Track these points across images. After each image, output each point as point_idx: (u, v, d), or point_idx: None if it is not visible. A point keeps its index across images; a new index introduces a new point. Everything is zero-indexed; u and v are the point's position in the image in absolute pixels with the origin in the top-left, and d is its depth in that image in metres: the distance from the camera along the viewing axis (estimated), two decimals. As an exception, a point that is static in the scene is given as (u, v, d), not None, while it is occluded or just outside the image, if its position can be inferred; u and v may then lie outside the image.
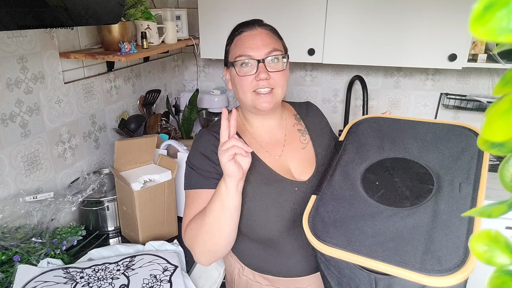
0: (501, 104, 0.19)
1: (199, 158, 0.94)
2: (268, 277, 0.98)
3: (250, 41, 0.92)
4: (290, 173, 0.96)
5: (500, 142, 0.20)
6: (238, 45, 0.93)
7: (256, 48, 0.91)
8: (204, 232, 0.86)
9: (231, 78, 0.97)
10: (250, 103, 0.94)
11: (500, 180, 0.22)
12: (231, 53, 0.95)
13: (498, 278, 0.20)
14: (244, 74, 0.91)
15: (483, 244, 0.21)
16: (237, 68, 0.92)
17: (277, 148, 0.99)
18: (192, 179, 0.95)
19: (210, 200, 0.87)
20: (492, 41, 0.17)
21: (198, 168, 0.94)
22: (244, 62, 0.91)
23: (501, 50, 0.22)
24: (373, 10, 1.64)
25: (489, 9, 0.17)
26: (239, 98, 0.97)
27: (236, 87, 0.95)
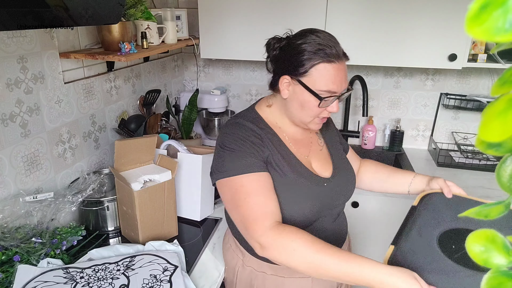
0: (498, 104, 0.19)
1: (244, 143, 0.90)
2: (273, 266, 1.00)
3: (338, 76, 0.90)
4: (313, 169, 1.01)
5: (497, 142, 0.20)
6: (325, 77, 0.89)
7: (339, 85, 0.91)
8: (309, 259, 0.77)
9: (295, 92, 0.93)
10: (304, 123, 0.97)
11: (497, 180, 0.22)
12: (313, 78, 0.89)
13: (495, 279, 0.20)
14: (322, 106, 0.92)
15: (480, 245, 0.21)
16: (319, 100, 0.90)
17: (305, 148, 1.04)
18: (240, 163, 0.88)
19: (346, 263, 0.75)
20: (488, 40, 0.17)
21: (242, 151, 0.89)
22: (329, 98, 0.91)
23: (500, 49, 0.22)
24: (373, 10, 1.64)
25: (485, 9, 0.16)
26: (295, 114, 0.96)
27: (303, 108, 0.93)
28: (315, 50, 0.89)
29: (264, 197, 0.86)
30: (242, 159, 0.89)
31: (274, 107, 1.02)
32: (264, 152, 0.93)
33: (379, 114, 2.15)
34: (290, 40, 0.94)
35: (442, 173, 1.81)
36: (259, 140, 0.93)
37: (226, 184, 0.90)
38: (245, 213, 0.85)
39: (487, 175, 1.78)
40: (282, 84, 0.94)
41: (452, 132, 2.10)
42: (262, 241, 0.81)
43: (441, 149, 1.99)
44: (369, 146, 2.11)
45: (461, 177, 1.76)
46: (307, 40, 0.90)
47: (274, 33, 1.03)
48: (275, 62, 0.98)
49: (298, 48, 0.91)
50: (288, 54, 0.93)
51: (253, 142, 0.92)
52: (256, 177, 0.88)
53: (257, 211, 0.84)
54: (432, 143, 2.06)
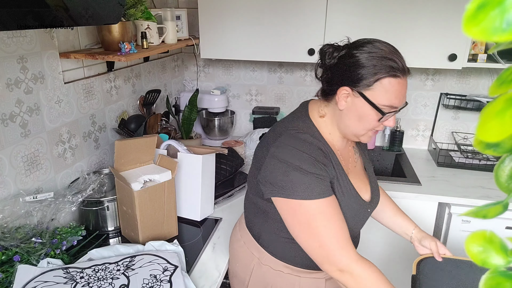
0: (495, 104, 0.19)
1: (315, 165, 0.86)
2: (290, 266, 1.01)
3: (401, 91, 0.88)
4: (357, 191, 0.99)
5: (495, 142, 0.20)
6: (390, 92, 0.86)
7: (401, 100, 0.89)
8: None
9: (352, 104, 0.90)
10: (357, 135, 0.94)
11: (495, 181, 0.22)
12: (377, 92, 0.87)
13: (493, 279, 0.20)
14: (382, 121, 0.90)
15: (478, 245, 0.21)
16: (377, 112, 0.88)
17: (346, 162, 1.01)
18: (317, 186, 0.85)
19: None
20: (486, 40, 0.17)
21: (318, 174, 0.86)
22: (390, 112, 0.89)
23: (498, 49, 0.22)
24: (373, 10, 1.64)
25: (482, 9, 0.16)
26: (346, 124, 0.93)
27: (360, 120, 0.90)
28: (381, 64, 0.86)
29: (342, 222, 0.87)
30: (317, 183, 0.85)
31: (327, 118, 0.97)
32: (331, 173, 0.90)
33: (379, 114, 2.15)
34: (350, 49, 0.90)
35: (442, 173, 1.81)
36: (326, 160, 0.89)
37: (298, 206, 0.87)
38: (328, 240, 0.85)
39: (487, 175, 1.78)
40: (340, 95, 0.90)
41: (452, 132, 2.10)
42: (349, 269, 0.85)
43: (441, 149, 1.99)
44: (369, 146, 2.11)
45: (461, 177, 1.76)
46: (371, 51, 0.87)
47: (274, 33, 1.02)
48: (331, 71, 0.93)
49: (362, 59, 0.87)
50: (349, 65, 0.89)
51: (323, 163, 0.87)
52: (331, 202, 0.87)
53: (339, 238, 0.85)
54: (432, 143, 2.06)
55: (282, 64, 2.15)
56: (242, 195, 1.58)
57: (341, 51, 0.92)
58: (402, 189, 1.65)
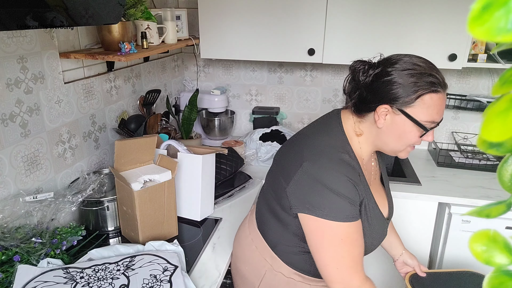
0: (499, 104, 0.19)
1: (348, 185, 0.86)
2: (303, 275, 1.02)
3: (442, 106, 0.88)
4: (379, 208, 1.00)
5: (498, 142, 0.20)
6: (431, 107, 0.86)
7: (442, 115, 0.89)
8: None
9: (394, 122, 0.88)
10: (394, 151, 0.94)
11: (498, 180, 0.22)
12: (419, 108, 0.85)
13: (497, 278, 0.20)
14: (423, 137, 0.89)
15: (482, 244, 0.21)
16: (419, 129, 0.87)
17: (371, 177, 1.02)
18: (348, 210, 0.86)
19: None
20: (490, 41, 0.17)
21: (350, 198, 0.86)
22: (430, 128, 0.88)
23: (500, 49, 0.22)
24: (373, 10, 1.64)
25: (487, 9, 0.17)
26: (385, 141, 0.92)
27: (400, 138, 0.90)
28: (421, 80, 0.85)
29: (362, 247, 0.90)
30: (349, 207, 0.86)
31: (365, 137, 0.95)
32: (361, 195, 0.90)
33: (379, 114, 2.15)
34: (386, 66, 0.88)
35: (442, 173, 1.81)
36: (359, 181, 0.89)
37: (326, 226, 0.87)
38: (346, 262, 0.88)
39: (487, 175, 1.78)
40: (379, 113, 0.88)
41: (452, 132, 2.10)
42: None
43: (441, 149, 1.99)
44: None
45: (461, 177, 1.76)
46: (410, 67, 0.86)
47: (274, 33, 1.02)
48: (367, 89, 0.90)
49: (401, 76, 0.85)
50: (387, 83, 0.87)
51: (356, 185, 0.87)
52: (358, 226, 0.89)
53: (357, 262, 0.89)
54: (432, 143, 2.07)
55: (282, 64, 2.15)
56: (242, 195, 1.58)
57: (376, 69, 0.89)
58: (402, 189, 1.65)
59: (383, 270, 1.79)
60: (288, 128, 2.19)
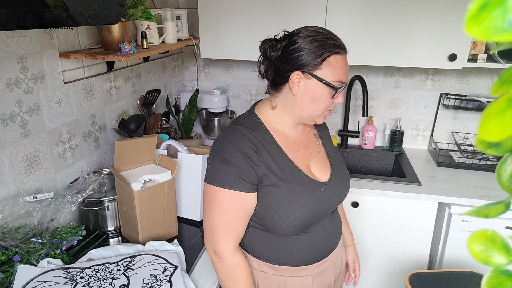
0: (497, 104, 0.19)
1: (238, 157, 0.91)
2: (274, 266, 1.01)
3: (345, 67, 0.94)
4: (312, 173, 1.02)
5: (496, 142, 0.20)
6: (336, 67, 0.92)
7: (347, 76, 0.96)
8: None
9: (306, 87, 0.94)
10: (312, 117, 0.98)
11: (497, 180, 0.22)
12: (326, 70, 0.92)
13: (495, 278, 0.20)
14: (335, 97, 0.95)
15: (480, 244, 0.21)
16: (330, 90, 0.93)
17: (306, 150, 1.05)
18: (227, 178, 0.91)
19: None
20: (487, 40, 0.17)
21: (236, 167, 0.91)
22: (340, 88, 0.94)
23: (499, 49, 0.22)
24: (373, 11, 1.64)
25: (484, 9, 0.17)
26: (303, 108, 0.97)
27: (314, 101, 0.95)
28: (325, 44, 0.92)
29: (237, 220, 0.93)
30: (230, 174, 0.91)
31: (279, 107, 1.01)
32: (258, 167, 0.93)
33: (379, 114, 2.15)
34: (291, 37, 0.94)
35: (442, 173, 1.81)
36: (255, 153, 0.93)
37: (209, 189, 0.95)
38: (215, 225, 0.93)
39: (487, 175, 1.78)
40: (293, 80, 0.94)
41: (452, 132, 2.10)
42: (221, 256, 0.94)
43: (441, 149, 1.99)
44: (369, 146, 2.11)
45: (461, 177, 1.76)
46: (312, 34, 0.92)
47: (274, 34, 1.03)
48: (279, 62, 0.96)
49: (306, 43, 0.92)
50: (295, 51, 0.93)
51: (248, 156, 0.92)
52: (237, 197, 0.92)
53: (226, 229, 0.93)
54: (432, 143, 2.06)
55: (282, 64, 2.15)
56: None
57: (283, 41, 0.96)
58: (402, 189, 1.65)
59: (383, 270, 1.79)
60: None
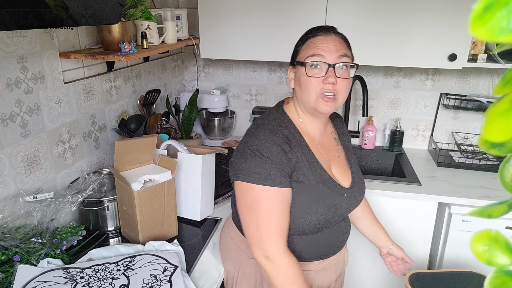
0: (501, 104, 0.19)
1: (275, 150, 0.89)
2: None
3: (324, 44, 0.93)
4: (335, 177, 1.01)
5: (500, 142, 0.20)
6: (310, 46, 0.94)
7: (328, 51, 0.92)
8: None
9: (296, 77, 0.98)
10: (312, 105, 0.95)
11: (500, 180, 0.22)
12: (302, 53, 0.96)
13: (498, 278, 0.20)
14: (313, 75, 0.92)
15: (483, 244, 0.21)
16: (307, 68, 0.93)
17: (327, 152, 1.04)
18: (268, 174, 0.88)
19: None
20: (492, 41, 0.17)
21: (275, 161, 0.88)
22: (315, 63, 0.92)
23: (501, 50, 0.22)
24: (373, 10, 1.64)
25: (489, 9, 0.17)
26: (301, 97, 0.98)
27: (301, 87, 0.95)
28: (305, 33, 0.98)
29: (283, 217, 0.90)
30: (270, 169, 0.88)
31: (291, 103, 1.04)
32: (292, 161, 0.92)
33: (379, 114, 2.15)
34: None
35: (442, 173, 1.81)
36: (289, 147, 0.92)
37: (247, 189, 0.91)
38: (263, 226, 0.89)
39: (487, 175, 1.78)
40: (289, 75, 1.01)
41: (452, 132, 2.10)
42: (275, 259, 0.89)
43: (441, 149, 1.99)
44: (369, 146, 2.11)
45: (461, 177, 1.76)
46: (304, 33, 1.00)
47: (274, 33, 1.05)
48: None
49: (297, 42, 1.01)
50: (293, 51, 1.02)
51: (284, 150, 0.90)
52: (280, 194, 0.89)
53: (275, 229, 0.89)
54: (432, 143, 2.07)
55: (282, 64, 2.15)
56: (242, 195, 1.58)
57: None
58: (402, 189, 1.65)
59: (384, 270, 1.79)
60: (288, 128, 2.19)
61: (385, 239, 1.27)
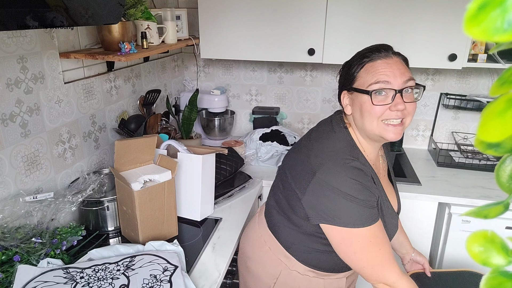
0: (497, 104, 0.19)
1: (362, 190, 0.87)
2: (317, 272, 1.05)
3: (387, 68, 0.87)
4: (390, 201, 1.01)
5: (496, 142, 0.20)
6: (371, 72, 0.89)
7: (393, 76, 0.87)
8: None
9: (355, 103, 0.92)
10: (376, 132, 0.91)
11: (496, 180, 0.22)
12: (361, 79, 0.90)
13: (494, 279, 0.20)
14: (379, 103, 0.87)
15: (479, 245, 0.21)
16: (372, 96, 0.88)
17: (380, 174, 1.03)
18: (367, 213, 0.87)
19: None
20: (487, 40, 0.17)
21: (367, 200, 0.87)
22: (380, 90, 0.87)
23: (499, 49, 0.22)
24: (373, 10, 1.64)
25: (483, 9, 0.16)
26: (362, 125, 0.92)
27: (363, 114, 0.90)
28: (361, 57, 0.92)
29: (388, 243, 0.92)
30: (366, 209, 0.87)
31: (352, 128, 0.98)
32: (376, 195, 0.91)
33: (379, 114, 2.15)
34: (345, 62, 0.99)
35: (442, 173, 1.81)
36: (371, 183, 0.90)
37: (350, 235, 0.89)
38: (380, 261, 0.90)
39: (487, 175, 1.78)
40: (343, 101, 0.96)
41: (452, 132, 2.10)
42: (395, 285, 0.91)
43: (441, 149, 1.99)
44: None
45: (461, 177, 1.76)
46: (357, 54, 0.95)
47: (274, 33, 1.04)
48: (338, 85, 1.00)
49: (350, 62, 0.96)
50: (343, 73, 0.98)
51: (369, 188, 0.88)
52: (380, 226, 0.91)
53: (389, 259, 0.91)
54: (432, 143, 2.06)
55: (282, 64, 2.15)
56: (242, 195, 1.58)
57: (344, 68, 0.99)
58: (402, 189, 1.65)
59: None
60: (288, 128, 2.19)
61: (407, 246, 1.27)
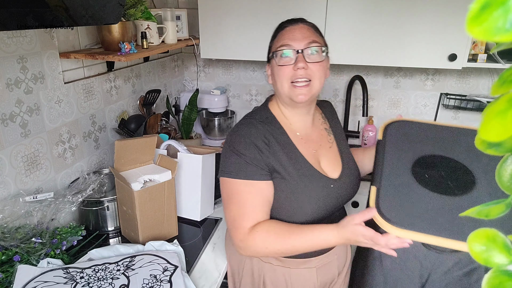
0: (498, 104, 0.19)
1: (251, 149, 0.93)
2: (281, 258, 1.03)
3: (291, 33, 0.96)
4: (322, 169, 1.02)
5: (497, 142, 0.20)
6: (279, 38, 0.97)
7: (295, 39, 0.94)
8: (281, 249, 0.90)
9: (272, 72, 1.00)
10: (287, 94, 0.97)
11: (497, 180, 0.22)
12: (273, 46, 0.99)
13: (496, 278, 0.20)
14: (282, 64, 0.94)
15: (481, 244, 0.21)
16: (276, 58, 0.95)
17: (313, 144, 1.05)
18: (243, 169, 0.93)
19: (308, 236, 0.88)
20: (489, 40, 0.17)
21: (250, 158, 0.93)
22: (283, 52, 0.94)
23: (500, 49, 0.22)
24: (373, 10, 1.64)
25: (486, 9, 0.17)
26: (277, 89, 1.00)
27: (275, 78, 0.98)
28: (276, 30, 1.01)
29: (254, 208, 0.93)
30: (245, 165, 0.93)
31: (274, 100, 1.06)
32: (269, 158, 0.94)
33: (379, 114, 2.15)
34: None
35: (442, 173, 1.81)
36: (265, 145, 0.94)
37: (226, 183, 0.96)
38: (235, 217, 0.93)
39: (487, 175, 1.78)
40: (267, 73, 1.03)
41: (452, 132, 2.10)
42: (241, 245, 0.92)
43: (441, 149, 1.99)
44: (369, 146, 2.11)
45: (461, 177, 1.76)
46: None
47: (274, 33, 1.05)
48: None
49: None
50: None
51: (259, 147, 0.93)
52: (252, 186, 0.93)
53: (245, 219, 0.92)
54: (432, 143, 2.06)
55: (282, 64, 2.15)
56: (242, 195, 1.58)
57: None
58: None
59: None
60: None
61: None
